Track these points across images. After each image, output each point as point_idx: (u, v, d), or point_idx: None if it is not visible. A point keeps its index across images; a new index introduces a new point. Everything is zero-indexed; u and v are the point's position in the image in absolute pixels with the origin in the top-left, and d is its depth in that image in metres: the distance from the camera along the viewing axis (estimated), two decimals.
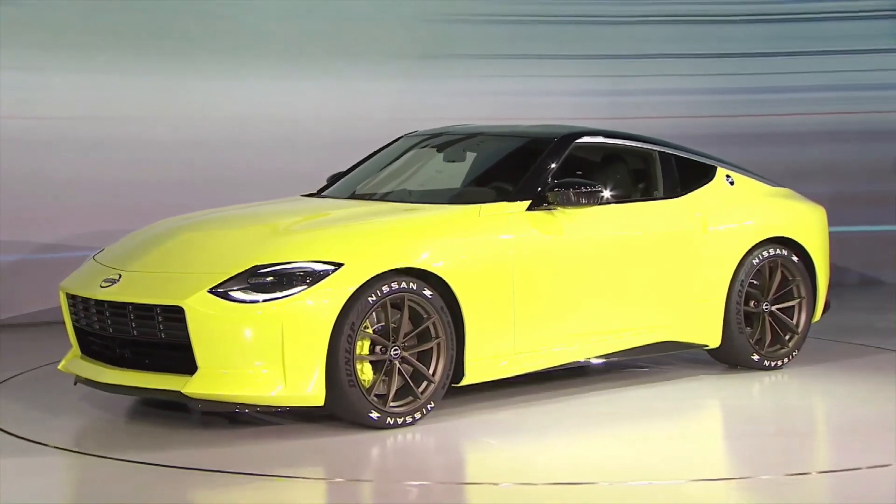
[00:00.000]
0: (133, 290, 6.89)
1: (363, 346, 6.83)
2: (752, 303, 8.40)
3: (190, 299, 6.60)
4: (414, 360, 6.97)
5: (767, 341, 8.44)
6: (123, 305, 6.87)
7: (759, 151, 11.61)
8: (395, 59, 11.32)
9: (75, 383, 7.30)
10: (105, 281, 7.05)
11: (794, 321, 8.53)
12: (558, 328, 7.56)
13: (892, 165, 10.78)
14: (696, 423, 7.48)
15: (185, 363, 6.66)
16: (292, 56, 10.96)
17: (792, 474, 6.21)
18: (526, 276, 7.37)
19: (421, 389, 6.98)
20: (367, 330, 6.83)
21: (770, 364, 8.41)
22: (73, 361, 7.31)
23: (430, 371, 7.01)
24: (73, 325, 7.32)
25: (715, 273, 8.21)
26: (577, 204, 7.53)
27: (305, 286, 6.63)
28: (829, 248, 8.85)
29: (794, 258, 8.51)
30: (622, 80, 11.88)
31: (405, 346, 6.96)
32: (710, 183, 8.42)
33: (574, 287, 7.61)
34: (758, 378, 8.29)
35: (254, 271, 6.68)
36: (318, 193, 8.46)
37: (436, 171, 8.42)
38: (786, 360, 8.47)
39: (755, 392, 8.06)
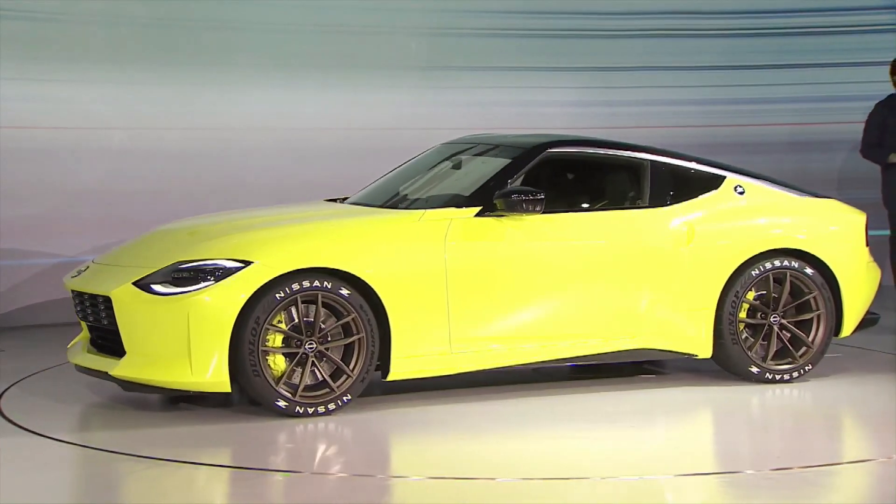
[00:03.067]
0: (86, 281, 7.60)
1: (276, 339, 7.26)
2: (758, 315, 8.22)
3: (117, 290, 7.25)
4: (331, 355, 7.31)
5: (771, 354, 8.19)
6: (81, 294, 7.63)
7: (748, 161, 11.24)
8: (398, 70, 11.52)
9: None
10: (76, 272, 7.84)
11: (811, 336, 8.27)
12: (501, 330, 7.66)
13: None
14: (688, 423, 7.56)
15: (121, 347, 7.30)
16: (300, 68, 11.23)
17: (776, 469, 6.29)
18: (462, 279, 7.54)
19: (339, 383, 7.34)
20: (279, 325, 7.26)
21: (773, 377, 8.16)
22: (75, 343, 8.00)
23: (350, 366, 7.35)
24: None
25: (702, 283, 8.06)
26: (521, 210, 7.63)
27: (213, 281, 7.14)
28: (864, 260, 8.51)
29: (809, 270, 8.24)
30: (616, 90, 11.93)
31: (325, 341, 7.31)
32: (714, 193, 8.25)
33: (520, 292, 7.69)
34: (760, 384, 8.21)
35: (175, 267, 7.23)
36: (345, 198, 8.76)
37: (454, 178, 8.54)
38: (794, 374, 8.20)
39: (753, 394, 8.01)
